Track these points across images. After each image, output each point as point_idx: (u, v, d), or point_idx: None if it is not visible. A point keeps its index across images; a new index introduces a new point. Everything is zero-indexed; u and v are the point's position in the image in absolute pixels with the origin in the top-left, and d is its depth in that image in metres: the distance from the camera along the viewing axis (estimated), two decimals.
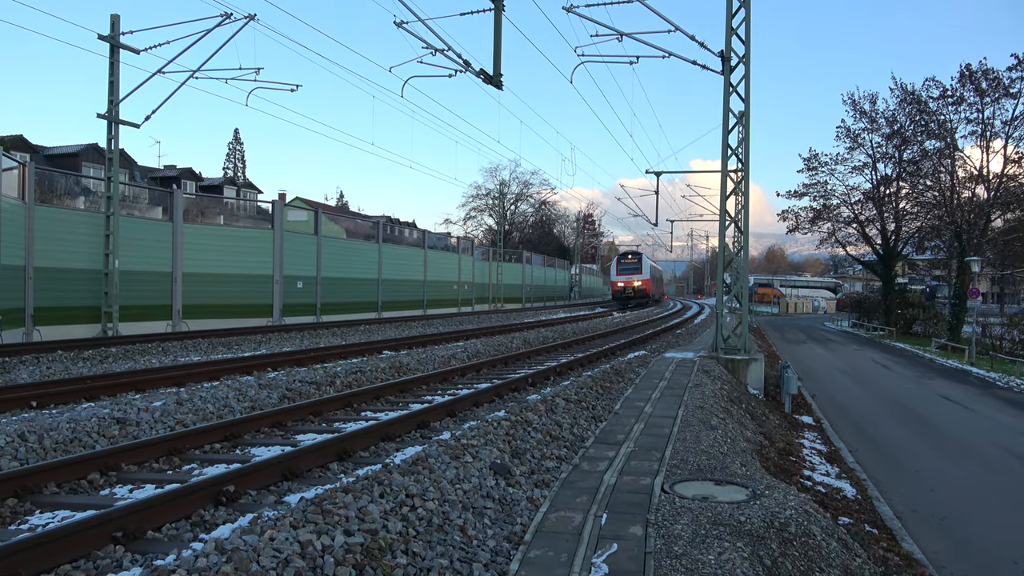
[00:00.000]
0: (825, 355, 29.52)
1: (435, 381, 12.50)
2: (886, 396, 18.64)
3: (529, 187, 72.62)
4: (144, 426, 8.08)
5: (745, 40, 15.88)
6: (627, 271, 54.16)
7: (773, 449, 10.37)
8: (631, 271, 54.00)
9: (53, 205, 22.10)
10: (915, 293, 47.66)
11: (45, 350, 14.91)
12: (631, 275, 53.43)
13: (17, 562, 4.03)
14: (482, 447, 6.78)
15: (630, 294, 52.68)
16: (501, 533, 5.16)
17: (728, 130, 16.24)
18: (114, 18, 19.82)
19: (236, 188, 56.53)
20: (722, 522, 5.17)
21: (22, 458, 6.67)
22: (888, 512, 8.70)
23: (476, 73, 15.47)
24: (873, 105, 40.98)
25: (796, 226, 45.53)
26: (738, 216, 16.92)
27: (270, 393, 10.30)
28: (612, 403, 10.47)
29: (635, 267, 54.21)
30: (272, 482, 6.12)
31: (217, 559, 3.77)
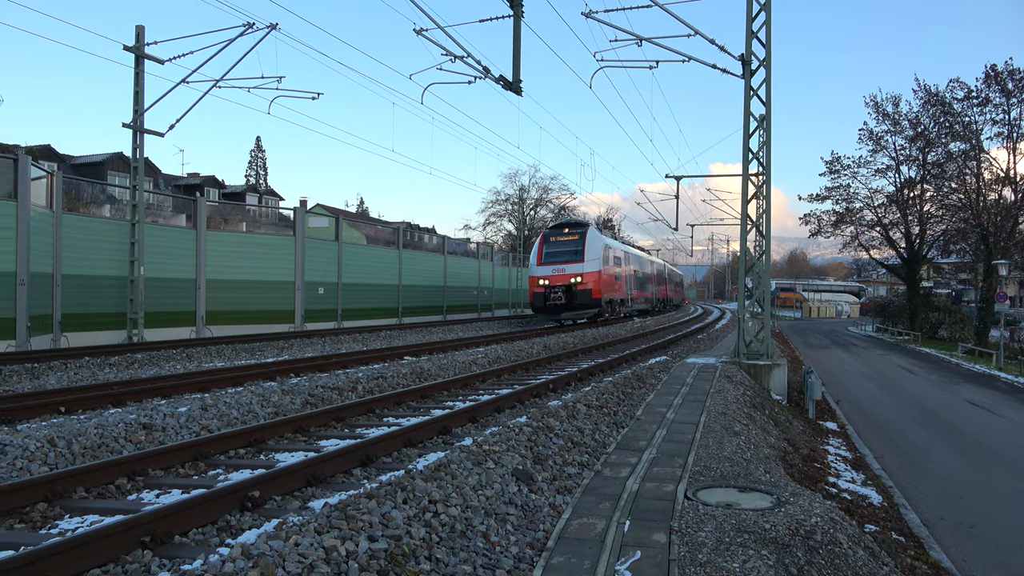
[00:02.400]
0: (849, 360, 29.19)
1: (456, 387, 12.52)
2: (912, 402, 18.39)
3: (548, 192, 72.55)
4: (170, 431, 8.17)
5: (765, 43, 15.79)
6: (557, 256, 30.76)
7: (797, 455, 10.27)
8: (564, 256, 30.66)
9: (80, 213, 22.48)
10: (940, 297, 47.09)
11: (73, 356, 15.14)
12: (563, 262, 30.36)
13: (48, 566, 4.08)
14: (504, 453, 6.78)
15: (559, 299, 29.75)
16: (524, 539, 5.16)
17: (749, 134, 16.14)
18: (139, 29, 20.13)
19: (258, 195, 57.14)
20: (746, 529, 5.13)
21: (52, 463, 6.78)
22: (915, 520, 8.58)
23: (495, 79, 15.52)
24: (896, 107, 40.63)
25: (818, 230, 45.16)
26: (759, 220, 16.80)
27: (293, 399, 10.38)
28: (634, 409, 10.43)
29: (572, 248, 30.81)
30: (296, 487, 6.16)
31: (244, 564, 3.81)
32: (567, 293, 30.05)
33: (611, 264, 33.17)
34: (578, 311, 30.87)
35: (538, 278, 30.61)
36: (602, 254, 31.39)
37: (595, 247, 31.12)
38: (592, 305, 30.45)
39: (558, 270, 30.38)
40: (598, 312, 31.40)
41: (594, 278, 30.42)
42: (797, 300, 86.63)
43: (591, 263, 30.51)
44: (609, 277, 32.52)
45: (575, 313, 31.20)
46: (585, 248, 30.78)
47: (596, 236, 32.08)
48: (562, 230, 32.22)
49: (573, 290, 30.02)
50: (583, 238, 31.12)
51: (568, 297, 30.00)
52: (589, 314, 31.62)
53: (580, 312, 31.03)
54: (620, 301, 35.39)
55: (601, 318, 32.48)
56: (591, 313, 31.43)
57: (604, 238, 33.62)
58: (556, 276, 30.30)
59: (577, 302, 30.07)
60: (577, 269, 30.25)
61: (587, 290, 30.06)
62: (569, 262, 30.43)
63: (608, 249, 32.95)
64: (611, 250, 33.83)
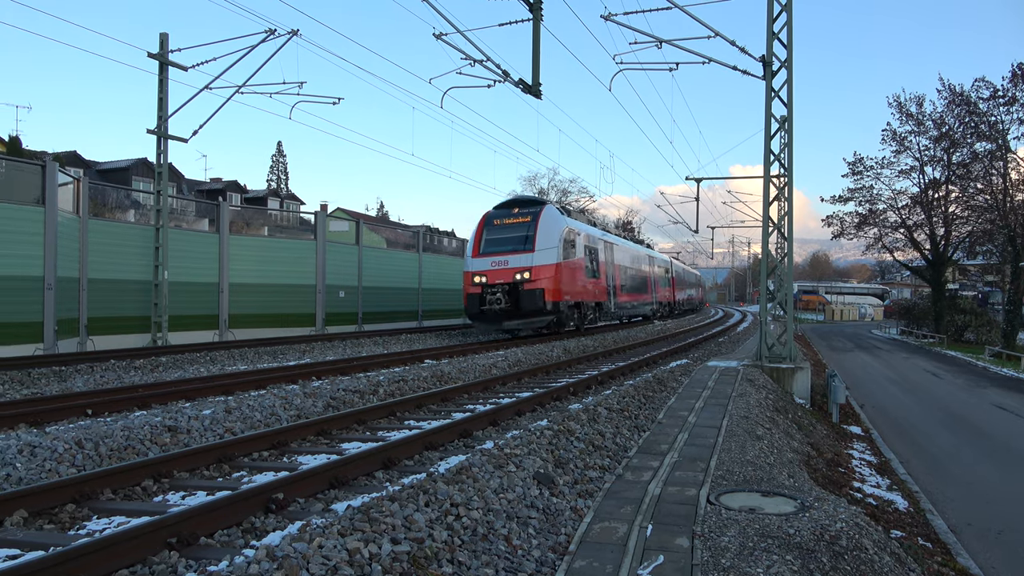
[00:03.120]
0: (873, 363, 28.85)
1: (477, 390, 12.54)
2: (937, 406, 18.14)
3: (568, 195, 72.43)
4: (194, 434, 8.27)
5: (787, 44, 15.69)
6: (500, 245, 23.48)
7: (821, 460, 10.17)
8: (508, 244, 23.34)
9: (105, 218, 22.85)
10: (966, 299, 46.40)
11: (99, 359, 15.35)
12: (507, 252, 23.08)
13: (77, 567, 4.15)
14: (525, 456, 6.78)
15: (497, 303, 22.36)
16: (546, 543, 5.16)
17: (770, 135, 16.03)
18: (163, 36, 20.41)
19: (279, 200, 57.69)
20: (770, 534, 5.09)
21: (79, 465, 6.88)
22: (942, 525, 8.46)
23: (515, 83, 15.56)
24: (920, 107, 40.19)
25: (841, 231, 44.74)
26: (781, 222, 16.68)
27: (315, 402, 10.45)
28: (655, 412, 10.38)
29: (520, 233, 23.46)
30: (319, 490, 6.20)
31: (268, 565, 3.84)
32: (510, 294, 22.21)
33: (579, 255, 25.11)
34: (527, 319, 22.55)
35: (473, 274, 22.80)
36: (562, 241, 23.27)
37: (551, 232, 23.06)
38: (545, 311, 22.26)
39: (498, 263, 22.61)
40: (557, 320, 23.16)
41: (548, 273, 22.37)
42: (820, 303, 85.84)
43: (545, 253, 22.61)
44: (574, 272, 24.42)
45: (524, 322, 22.73)
46: (537, 233, 22.85)
47: (554, 217, 23.85)
48: (510, 210, 24.43)
49: (519, 290, 22.12)
50: (536, 220, 23.24)
51: (511, 299, 22.20)
52: (541, 323, 22.95)
53: (530, 320, 22.68)
54: (596, 305, 27.57)
55: (565, 327, 24.46)
56: (544, 322, 22.84)
57: (568, 220, 24.92)
58: (496, 271, 22.45)
59: (524, 306, 22.04)
60: (524, 261, 22.41)
61: (537, 290, 22.00)
62: (514, 252, 22.73)
63: (573, 235, 24.57)
64: (578, 236, 25.19)
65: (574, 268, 24.50)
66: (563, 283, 23.20)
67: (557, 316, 22.95)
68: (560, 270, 22.96)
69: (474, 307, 22.63)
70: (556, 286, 22.66)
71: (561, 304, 22.94)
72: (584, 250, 25.86)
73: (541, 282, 22.31)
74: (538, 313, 22.39)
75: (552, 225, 23.49)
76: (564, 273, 23.31)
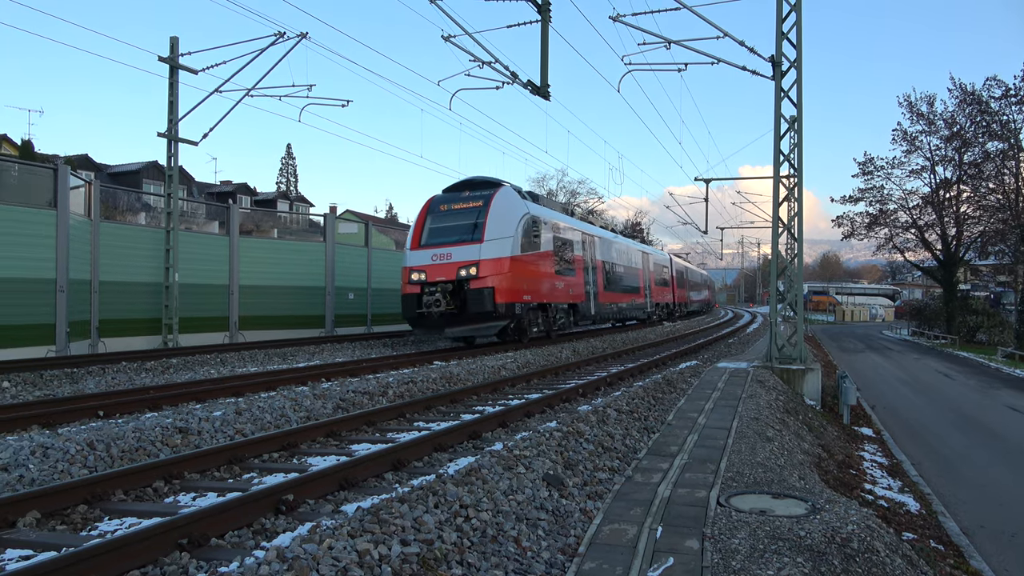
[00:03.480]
0: (884, 365, 28.69)
1: (485, 391, 12.55)
2: (950, 407, 18.02)
3: (576, 196, 72.38)
4: (205, 435, 8.30)
5: (796, 44, 15.62)
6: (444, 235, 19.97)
7: (832, 462, 10.11)
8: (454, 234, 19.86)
9: (117, 221, 23.03)
10: (979, 300, 46.07)
11: (110, 361, 15.45)
12: (451, 243, 19.63)
13: (89, 567, 4.17)
14: (534, 458, 6.78)
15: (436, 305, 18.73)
16: (555, 545, 5.15)
17: (780, 136, 15.97)
18: (173, 40, 20.52)
19: (289, 202, 57.91)
20: (781, 537, 5.07)
21: (91, 466, 6.92)
22: (954, 528, 8.40)
23: (523, 84, 15.56)
24: (931, 107, 39.96)
25: (852, 232, 44.50)
26: (791, 223, 16.61)
27: (325, 403, 10.48)
28: (664, 414, 10.36)
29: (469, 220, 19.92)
30: (329, 491, 6.22)
31: (279, 567, 3.86)
32: (453, 294, 18.72)
33: (546, 248, 21.48)
34: (473, 324, 18.98)
35: (410, 270, 19.21)
36: (521, 230, 19.80)
37: (507, 218, 19.60)
38: (495, 314, 18.72)
39: (440, 256, 19.06)
40: (514, 325, 19.84)
41: (500, 269, 18.88)
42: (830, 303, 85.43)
43: (496, 244, 19.04)
44: (537, 268, 20.87)
45: (471, 328, 19.16)
46: (488, 220, 19.24)
47: (511, 202, 20.30)
48: (459, 193, 20.78)
49: (464, 289, 18.66)
50: (488, 204, 19.60)
51: (455, 301, 18.72)
52: (491, 329, 19.38)
53: (477, 327, 19.08)
54: (570, 308, 24.00)
55: (528, 334, 20.87)
56: (494, 328, 19.30)
57: (531, 206, 21.25)
58: (437, 266, 18.96)
59: (470, 309, 18.58)
60: (470, 254, 18.93)
61: (485, 289, 18.49)
62: (460, 243, 19.20)
63: (536, 224, 20.93)
64: (544, 226, 21.50)
65: (537, 263, 21.00)
66: (521, 280, 19.73)
67: (513, 320, 19.55)
68: (517, 265, 19.52)
69: (410, 310, 19.00)
70: (511, 284, 19.13)
71: (518, 306, 19.49)
72: (553, 242, 22.43)
73: (491, 279, 18.70)
74: (486, 317, 18.81)
75: (508, 211, 19.89)
76: (522, 268, 19.86)
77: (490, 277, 18.76)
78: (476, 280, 18.73)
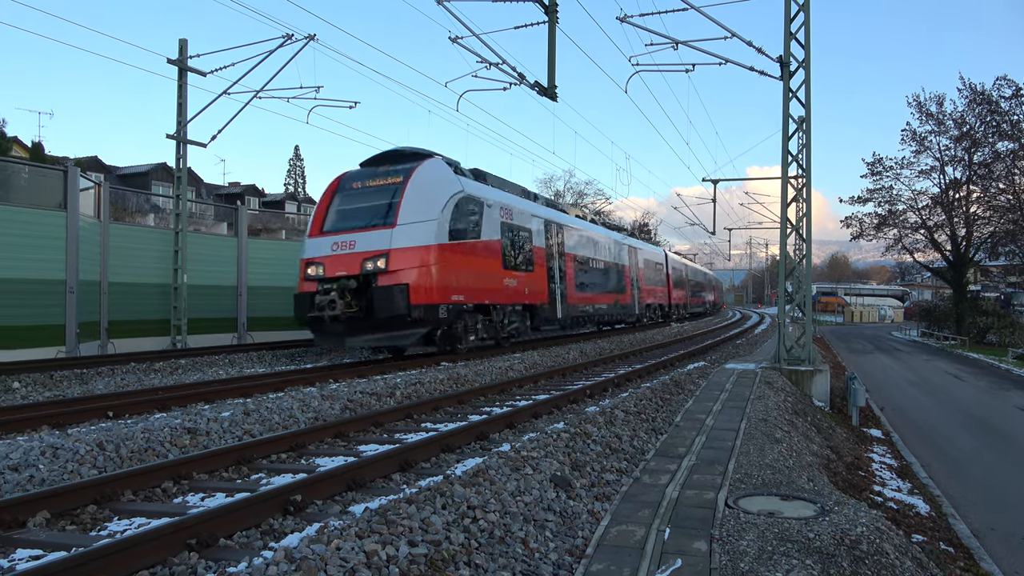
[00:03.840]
0: (893, 366, 28.56)
1: (493, 392, 12.55)
2: (959, 408, 17.91)
3: (583, 197, 72.30)
4: (214, 436, 8.33)
5: (804, 44, 15.58)
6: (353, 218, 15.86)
7: (841, 463, 10.07)
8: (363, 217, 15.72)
9: (126, 223, 23.13)
10: (989, 301, 45.79)
11: (119, 362, 15.52)
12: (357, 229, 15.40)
13: (99, 567, 4.19)
14: (542, 459, 6.77)
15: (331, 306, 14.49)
16: (563, 546, 5.15)
17: (788, 136, 15.92)
18: (182, 43, 20.61)
19: (297, 203, 58.03)
20: (789, 538, 5.05)
21: (101, 466, 6.95)
22: (965, 530, 8.35)
23: (531, 85, 15.57)
24: (940, 107, 39.73)
25: (860, 233, 44.28)
26: (800, 223, 16.55)
27: (332, 404, 10.50)
28: (672, 415, 10.33)
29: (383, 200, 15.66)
30: (337, 492, 6.23)
31: (287, 567, 3.87)
32: (358, 293, 14.78)
33: (489, 236, 17.64)
34: (383, 332, 15.07)
35: (307, 263, 15.49)
36: (452, 212, 15.94)
37: (431, 197, 15.59)
38: (410, 319, 14.68)
39: (342, 244, 15.11)
40: (441, 332, 16.14)
41: (418, 260, 14.88)
42: (839, 304, 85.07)
43: (414, 229, 15.00)
44: (475, 260, 16.99)
45: (382, 337, 15.23)
46: (405, 199, 15.19)
47: (438, 176, 16.30)
48: (377, 167, 16.68)
49: (372, 286, 14.67)
50: (407, 179, 15.54)
51: (359, 301, 14.74)
52: (406, 338, 15.53)
53: (389, 334, 15.18)
54: (526, 310, 19.98)
55: (462, 342, 16.94)
56: (412, 336, 15.42)
57: (468, 183, 17.40)
58: (337, 257, 15.05)
59: (378, 312, 14.52)
60: (378, 242, 14.87)
61: (396, 287, 14.51)
62: (367, 228, 15.21)
63: (475, 205, 17.11)
64: (487, 208, 17.59)
65: (477, 254, 17.10)
66: (450, 275, 15.67)
67: (439, 326, 15.77)
68: (445, 256, 15.51)
69: (302, 312, 15.11)
70: (434, 280, 15.11)
71: (442, 308, 15.37)
72: (503, 230, 18.51)
73: (405, 273, 14.65)
74: (398, 323, 14.73)
75: (433, 188, 15.84)
76: (453, 261, 15.85)
77: (404, 271, 14.74)
78: (385, 275, 14.70)
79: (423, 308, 14.94)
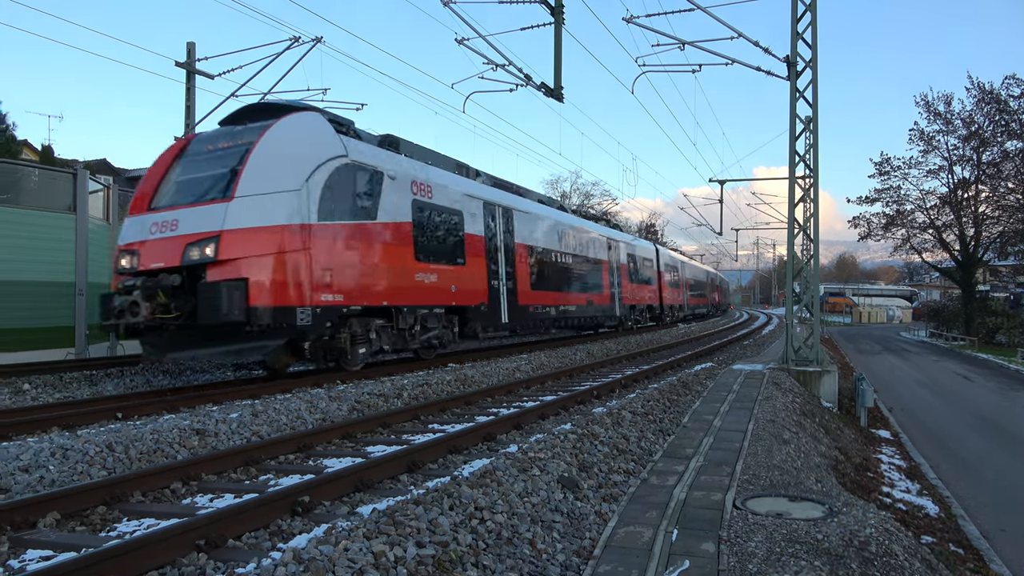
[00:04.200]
0: (902, 366, 28.43)
1: (500, 393, 12.56)
2: (969, 409, 17.81)
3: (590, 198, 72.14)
4: (222, 437, 8.36)
5: (811, 44, 15.54)
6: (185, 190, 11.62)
7: (849, 464, 10.04)
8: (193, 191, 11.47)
9: None
10: (998, 301, 45.48)
11: (128, 363, 15.58)
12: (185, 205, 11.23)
13: (108, 568, 4.22)
14: (549, 460, 6.77)
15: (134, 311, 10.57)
16: (570, 547, 5.15)
17: (795, 136, 15.89)
18: (190, 46, 20.71)
19: None
20: (798, 540, 5.04)
21: (110, 467, 6.98)
22: (974, 531, 8.31)
23: (537, 87, 15.57)
24: (948, 106, 39.56)
25: (868, 233, 44.12)
26: (807, 224, 16.51)
27: (340, 405, 10.51)
28: (680, 416, 10.32)
29: (222, 168, 11.38)
30: (345, 493, 6.24)
31: (295, 568, 3.88)
32: (178, 292, 10.97)
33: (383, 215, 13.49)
34: (215, 345, 11.23)
35: (121, 251, 11.84)
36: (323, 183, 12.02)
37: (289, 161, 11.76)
38: (251, 328, 10.90)
39: (163, 225, 11.39)
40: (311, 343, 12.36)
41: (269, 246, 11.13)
42: (847, 305, 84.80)
43: (261, 204, 11.20)
44: (365, 247, 12.97)
45: (215, 351, 11.46)
46: (249, 164, 11.34)
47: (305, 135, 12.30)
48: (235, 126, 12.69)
49: (202, 281, 10.81)
50: (259, 138, 11.70)
51: (182, 303, 10.89)
52: (249, 354, 11.79)
53: (228, 349, 11.32)
54: (447, 313, 15.77)
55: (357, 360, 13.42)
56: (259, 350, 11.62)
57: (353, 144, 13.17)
58: (156, 242, 11.34)
59: (201, 318, 10.63)
60: (206, 221, 11.06)
61: (227, 284, 10.62)
62: (195, 203, 11.46)
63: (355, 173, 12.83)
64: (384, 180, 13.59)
65: (367, 240, 12.84)
66: (319, 268, 11.64)
67: (302, 337, 11.92)
68: (309, 241, 11.46)
69: (107, 314, 11.37)
70: (292, 274, 11.26)
71: (303, 312, 11.37)
72: (415, 210, 14.31)
73: (246, 265, 10.83)
74: (234, 333, 10.95)
75: (294, 150, 11.80)
76: (324, 248, 11.78)
77: (245, 261, 10.80)
78: (217, 267, 10.72)
79: (271, 312, 10.91)
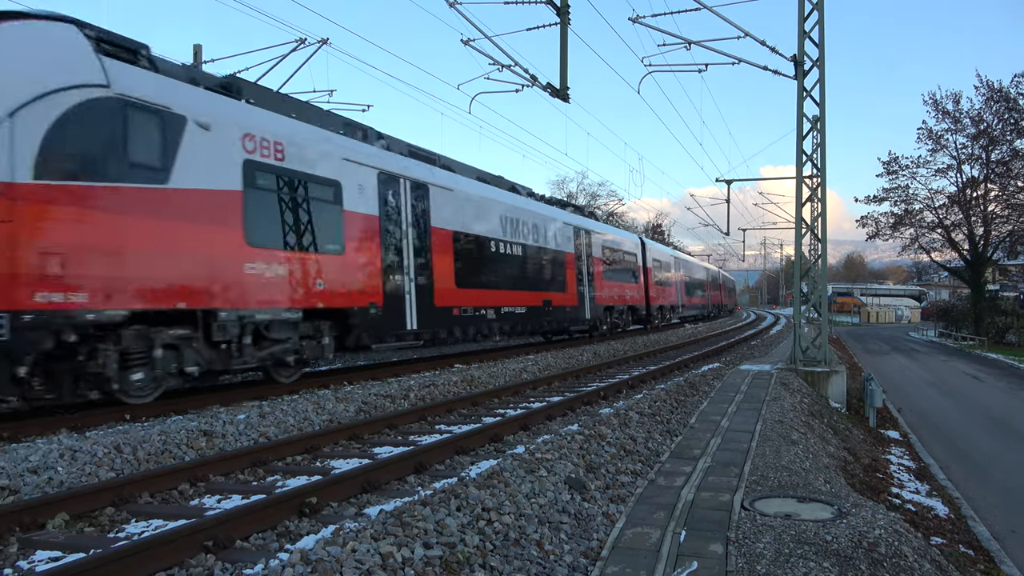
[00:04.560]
0: (911, 367, 28.29)
1: (507, 394, 12.55)
2: (978, 409, 17.71)
3: (596, 198, 71.94)
4: (229, 438, 8.38)
5: (819, 43, 15.49)
6: None
7: (858, 465, 9.99)
8: None
9: None
10: (1007, 300, 45.19)
11: None
12: None
13: (117, 569, 4.23)
14: (556, 461, 6.76)
15: None
16: (578, 548, 5.13)
17: (802, 136, 15.82)
18: (196, 48, 20.73)
19: None
20: (806, 541, 5.01)
21: (118, 469, 7.01)
22: (985, 533, 8.25)
23: (543, 87, 15.55)
24: (957, 105, 39.33)
25: (876, 232, 43.90)
26: (815, 223, 16.44)
27: (347, 406, 10.53)
28: (687, 417, 10.29)
29: None
30: (352, 494, 6.24)
31: (303, 569, 3.88)
32: None
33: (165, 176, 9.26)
34: None
35: None
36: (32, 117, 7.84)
37: None
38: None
39: None
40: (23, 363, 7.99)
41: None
42: (855, 305, 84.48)
43: None
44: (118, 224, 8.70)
45: None
46: None
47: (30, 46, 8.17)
48: None
49: None
50: None
51: None
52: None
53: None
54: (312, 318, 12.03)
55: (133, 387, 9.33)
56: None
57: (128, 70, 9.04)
58: None
59: None
60: None
61: None
62: None
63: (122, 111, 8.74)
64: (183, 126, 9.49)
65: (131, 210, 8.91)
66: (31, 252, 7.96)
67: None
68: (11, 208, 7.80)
69: None
70: None
71: None
72: (247, 175, 10.63)
73: None
74: None
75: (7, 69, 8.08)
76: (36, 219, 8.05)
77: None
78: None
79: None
